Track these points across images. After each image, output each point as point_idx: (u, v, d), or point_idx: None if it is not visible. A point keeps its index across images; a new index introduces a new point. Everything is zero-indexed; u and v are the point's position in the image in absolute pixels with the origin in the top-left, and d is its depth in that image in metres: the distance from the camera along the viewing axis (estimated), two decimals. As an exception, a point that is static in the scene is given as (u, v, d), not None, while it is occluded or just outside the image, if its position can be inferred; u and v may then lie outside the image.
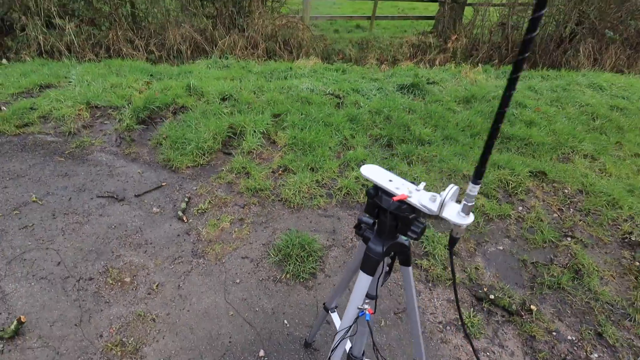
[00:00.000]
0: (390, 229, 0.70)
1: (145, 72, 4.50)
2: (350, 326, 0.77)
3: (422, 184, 0.68)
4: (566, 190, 2.84)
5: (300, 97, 3.81)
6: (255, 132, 3.14)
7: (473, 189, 0.56)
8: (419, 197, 0.65)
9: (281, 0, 6.33)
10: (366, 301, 0.76)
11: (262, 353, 1.51)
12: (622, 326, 1.85)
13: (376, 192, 0.69)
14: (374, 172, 0.71)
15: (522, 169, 2.91)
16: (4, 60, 4.90)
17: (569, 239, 2.39)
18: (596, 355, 1.70)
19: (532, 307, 1.89)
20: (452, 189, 0.62)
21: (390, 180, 0.69)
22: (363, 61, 6.19)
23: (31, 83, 3.86)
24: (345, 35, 7.60)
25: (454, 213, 0.62)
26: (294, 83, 4.20)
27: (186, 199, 2.36)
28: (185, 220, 2.20)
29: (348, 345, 1.05)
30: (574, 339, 1.77)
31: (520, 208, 2.64)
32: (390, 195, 0.67)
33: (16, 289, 1.71)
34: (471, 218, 0.61)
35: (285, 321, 1.66)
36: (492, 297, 1.90)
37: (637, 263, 2.23)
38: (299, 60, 5.44)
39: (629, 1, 6.36)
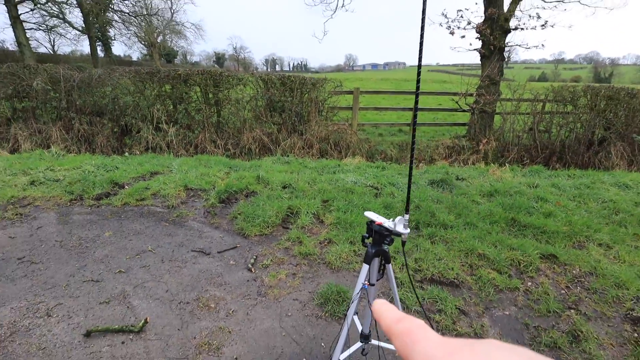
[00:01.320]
0: (376, 240, 1.40)
1: (225, 165, 5.76)
2: (359, 291, 1.43)
3: (391, 219, 1.39)
4: (575, 272, 3.19)
5: (345, 188, 4.69)
6: (307, 212, 3.99)
7: (406, 216, 1.28)
8: (387, 223, 1.36)
9: (334, 111, 7.78)
10: (365, 282, 1.43)
11: (304, 360, 2.08)
12: (610, 382, 2.13)
13: (371, 222, 1.41)
14: (371, 214, 1.45)
15: (532, 251, 3.35)
16: (127, 153, 6.53)
17: (572, 310, 2.73)
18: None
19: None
20: (398, 219, 1.33)
21: (377, 217, 1.42)
22: (402, 160, 7.15)
23: (145, 170, 5.20)
24: (388, 138, 8.81)
25: (401, 228, 1.32)
26: (340, 177, 5.16)
27: (254, 257, 3.14)
28: (253, 271, 2.94)
29: (358, 325, 1.65)
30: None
31: (530, 284, 3.04)
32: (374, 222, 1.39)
33: (139, 304, 2.49)
34: (408, 230, 1.31)
35: (323, 344, 2.23)
36: (491, 346, 2.30)
37: (636, 335, 2.49)
38: (346, 159, 6.52)
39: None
